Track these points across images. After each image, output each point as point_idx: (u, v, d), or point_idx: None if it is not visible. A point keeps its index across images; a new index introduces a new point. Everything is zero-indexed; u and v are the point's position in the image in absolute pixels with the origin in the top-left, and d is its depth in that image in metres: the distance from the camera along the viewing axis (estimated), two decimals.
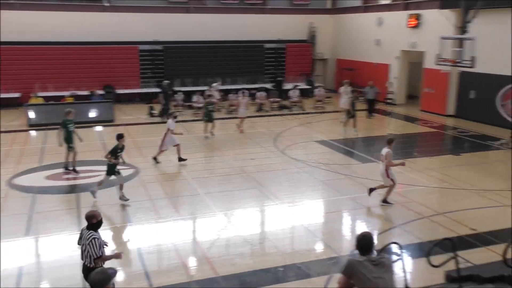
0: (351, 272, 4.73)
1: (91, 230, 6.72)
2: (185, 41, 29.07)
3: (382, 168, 11.95)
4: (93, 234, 6.67)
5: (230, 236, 10.41)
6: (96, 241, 6.63)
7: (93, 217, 6.77)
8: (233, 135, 19.94)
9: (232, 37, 29.83)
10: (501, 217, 11.20)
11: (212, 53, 29.30)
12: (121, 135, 12.35)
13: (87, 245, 6.60)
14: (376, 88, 24.21)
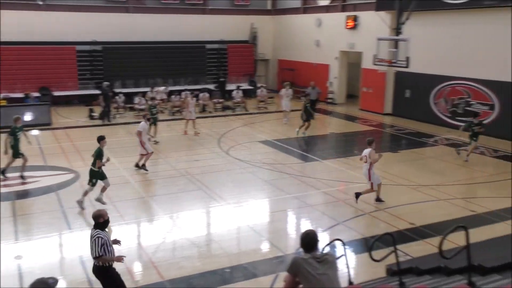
0: (296, 270, 4.80)
1: (98, 229, 6.88)
2: (125, 41, 28.49)
3: (366, 169, 12.08)
4: (98, 233, 6.80)
5: (176, 239, 10.31)
6: (99, 240, 6.73)
7: (100, 216, 6.94)
8: (177, 136, 19.75)
9: (173, 37, 29.54)
10: (436, 211, 11.73)
11: (153, 53, 28.88)
12: (102, 137, 12.03)
13: (92, 243, 6.74)
14: (318, 89, 24.52)
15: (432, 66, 21.84)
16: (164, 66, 28.97)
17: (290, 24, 31.85)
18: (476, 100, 20.21)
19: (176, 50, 29.68)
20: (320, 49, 29.06)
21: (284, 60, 32.56)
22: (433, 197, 12.70)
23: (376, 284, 7.39)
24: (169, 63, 29.20)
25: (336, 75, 28.12)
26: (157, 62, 28.73)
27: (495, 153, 17.32)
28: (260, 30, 32.37)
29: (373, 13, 22.66)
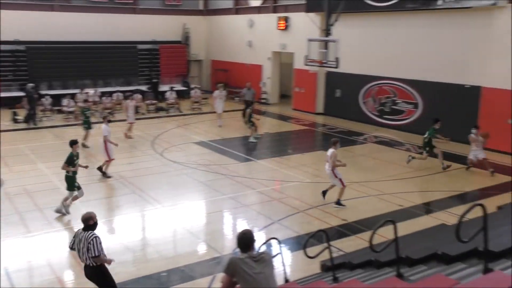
0: (233, 270, 4.81)
1: (89, 230, 7.03)
2: (51, 41, 27.34)
3: (328, 169, 12.15)
4: (94, 234, 6.99)
5: (110, 244, 9.99)
6: (97, 239, 6.94)
7: (90, 219, 7.12)
8: None
9: (103, 37, 28.71)
10: (367, 207, 12.17)
11: (82, 54, 27.91)
12: (74, 141, 11.60)
13: (89, 243, 6.87)
14: (253, 90, 24.42)
15: (360, 67, 22.62)
16: (94, 67, 28.07)
17: (223, 24, 31.87)
18: (402, 99, 21.15)
19: (106, 51, 28.87)
20: (253, 49, 29.29)
21: (217, 61, 32.54)
22: (364, 193, 13.15)
23: (311, 280, 7.56)
24: (99, 63, 28.34)
25: (269, 76, 28.46)
26: (86, 63, 27.78)
27: (420, 149, 18.16)
28: (192, 31, 32.15)
29: (304, 14, 23.13)
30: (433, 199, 12.76)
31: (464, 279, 5.04)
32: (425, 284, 4.90)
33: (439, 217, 11.35)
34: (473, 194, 13.31)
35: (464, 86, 18.53)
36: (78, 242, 7.05)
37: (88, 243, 6.89)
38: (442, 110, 19.22)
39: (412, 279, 5.77)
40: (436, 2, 18.27)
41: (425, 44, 19.79)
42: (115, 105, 25.09)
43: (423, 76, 20.08)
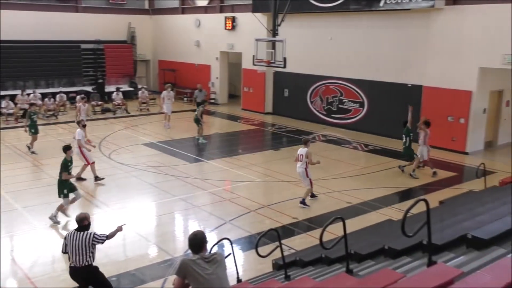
0: (185, 272, 4.78)
1: (84, 231, 7.04)
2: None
3: (301, 167, 12.19)
4: (90, 232, 7.08)
5: (55, 251, 9.72)
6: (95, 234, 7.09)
7: (85, 219, 7.17)
8: (52, 142, 18.60)
9: (44, 36, 27.73)
10: (317, 205, 12.39)
11: (22, 53, 26.89)
12: (68, 147, 11.38)
13: (92, 241, 6.98)
14: (205, 91, 23.98)
15: (307, 67, 22.99)
16: (35, 67, 27.10)
17: (169, 24, 31.54)
18: (348, 98, 21.66)
19: (47, 50, 27.93)
20: (201, 49, 29.16)
21: (165, 61, 32.17)
22: (314, 191, 13.34)
23: (263, 279, 7.63)
24: (41, 63, 27.39)
25: (218, 76, 28.41)
26: (26, 63, 26.75)
27: (366, 147, 18.70)
28: (138, 30, 31.62)
29: (251, 14, 23.25)
30: (379, 195, 13.15)
31: (410, 272, 5.23)
32: (373, 279, 5.05)
33: (386, 213, 11.72)
34: (417, 189, 13.82)
35: (407, 85, 19.21)
36: (72, 243, 6.96)
37: (92, 241, 7.01)
38: (386, 109, 19.86)
39: (361, 275, 5.94)
40: (378, 4, 18.82)
41: (369, 45, 20.36)
42: (59, 106, 24.35)
43: (368, 76, 20.65)
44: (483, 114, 17.55)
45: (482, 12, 16.40)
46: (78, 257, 6.98)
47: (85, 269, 7.06)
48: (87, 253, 7.00)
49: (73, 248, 6.97)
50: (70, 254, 7.04)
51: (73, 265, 7.07)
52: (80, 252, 6.96)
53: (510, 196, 8.03)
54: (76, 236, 7.00)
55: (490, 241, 5.60)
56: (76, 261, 7.00)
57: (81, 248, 6.96)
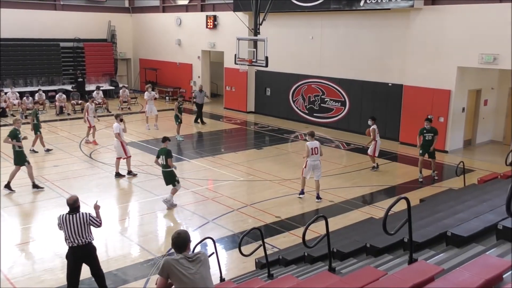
0: (168, 271, 4.77)
1: (76, 212, 7.29)
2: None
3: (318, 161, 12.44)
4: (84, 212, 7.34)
5: (36, 251, 9.62)
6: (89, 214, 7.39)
7: (77, 201, 7.40)
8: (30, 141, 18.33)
9: (22, 34, 27.36)
10: (299, 203, 12.46)
11: None
12: (166, 138, 12.09)
13: (90, 221, 7.29)
14: (205, 92, 23.40)
15: (289, 66, 23.06)
16: (13, 65, 26.70)
17: (150, 22, 31.33)
18: (330, 97, 21.78)
19: (25, 48, 27.58)
20: (182, 48, 29.04)
21: (146, 60, 31.96)
22: (296, 190, 13.40)
23: (246, 278, 7.65)
24: (19, 62, 27.00)
25: (199, 75, 28.32)
26: (4, 61, 26.32)
27: (348, 146, 18.84)
28: (119, 29, 31.36)
29: (232, 13, 23.22)
30: (361, 194, 13.28)
31: (391, 270, 5.31)
32: (356, 277, 5.11)
33: (368, 211, 11.84)
34: (398, 188, 13.98)
35: (388, 85, 19.40)
36: (69, 226, 7.17)
37: (87, 222, 7.27)
38: (368, 107, 20.03)
39: (343, 272, 6.00)
40: (359, 3, 18.96)
41: (350, 44, 20.51)
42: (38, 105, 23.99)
43: (349, 75, 20.79)
44: (462, 113, 17.83)
45: (460, 12, 16.64)
46: (78, 237, 7.22)
47: (86, 247, 7.33)
48: (87, 231, 7.29)
49: (71, 229, 7.18)
50: (68, 236, 7.21)
51: (71, 245, 7.28)
52: (79, 232, 7.22)
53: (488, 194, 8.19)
54: (72, 218, 7.21)
55: (469, 238, 5.71)
56: (77, 241, 7.24)
57: (80, 228, 7.21)
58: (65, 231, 7.25)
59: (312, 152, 12.34)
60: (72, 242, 7.27)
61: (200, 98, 22.36)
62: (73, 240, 7.26)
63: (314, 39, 21.90)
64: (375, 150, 15.29)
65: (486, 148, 18.55)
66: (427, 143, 14.18)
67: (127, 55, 32.67)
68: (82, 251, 7.35)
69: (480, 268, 4.25)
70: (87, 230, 7.30)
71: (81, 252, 7.35)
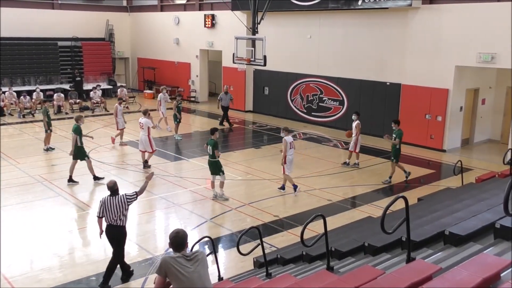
0: (166, 270, 4.76)
1: (116, 195, 8.18)
2: None
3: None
4: (124, 194, 8.25)
5: (34, 251, 9.60)
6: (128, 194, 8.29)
7: (116, 184, 8.29)
8: (30, 140, 18.34)
9: (20, 33, 27.25)
10: (297, 202, 12.47)
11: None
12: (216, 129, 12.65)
13: (127, 201, 8.18)
14: (230, 95, 22.46)
15: (287, 65, 23.06)
16: (10, 64, 26.63)
17: (148, 21, 31.30)
18: (328, 96, 21.79)
19: (23, 47, 27.46)
20: (180, 47, 29.01)
21: (144, 59, 31.92)
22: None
23: (244, 277, 7.65)
24: (16, 60, 26.93)
25: (198, 74, 28.30)
26: (2, 60, 26.24)
27: (346, 145, 18.79)
28: (117, 28, 31.30)
29: (230, 12, 23.20)
30: (359, 193, 13.29)
31: (389, 269, 5.31)
32: (354, 276, 5.11)
33: (366, 210, 11.85)
34: (396, 187, 13.99)
35: (386, 84, 19.41)
36: (109, 206, 8.07)
37: (124, 203, 8.13)
38: (366, 107, 20.03)
39: (342, 271, 6.01)
40: (357, 2, 18.97)
41: (348, 43, 20.52)
42: (36, 104, 23.98)
43: (347, 74, 20.79)
44: (459, 112, 17.85)
45: (458, 11, 16.65)
46: (114, 216, 8.12)
47: (118, 229, 8.21)
48: (122, 213, 8.14)
49: (110, 210, 8.10)
50: (107, 215, 8.11)
51: (108, 223, 8.19)
52: (115, 212, 8.10)
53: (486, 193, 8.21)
54: (112, 200, 8.13)
55: (467, 237, 5.71)
56: (111, 220, 8.15)
57: (117, 209, 8.09)
58: (104, 211, 8.12)
59: (290, 146, 12.91)
60: (109, 221, 8.18)
61: (226, 100, 21.97)
62: (110, 220, 8.16)
63: (312, 38, 21.90)
64: (356, 146, 15.36)
65: (484, 147, 18.58)
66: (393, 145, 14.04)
67: (125, 54, 32.63)
68: (114, 231, 8.21)
69: (478, 267, 4.25)
70: (122, 211, 8.13)
71: (113, 231, 8.22)
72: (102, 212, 8.14)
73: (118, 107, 18.42)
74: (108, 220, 8.17)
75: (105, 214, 8.14)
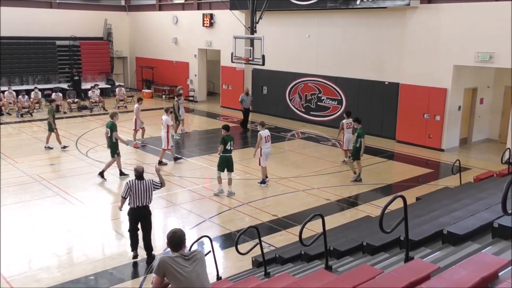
0: (164, 270, 4.75)
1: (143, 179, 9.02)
2: None
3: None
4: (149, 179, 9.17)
5: (32, 250, 9.59)
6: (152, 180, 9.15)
7: (143, 170, 9.16)
8: (28, 140, 18.32)
9: (18, 33, 27.20)
10: (296, 202, 12.47)
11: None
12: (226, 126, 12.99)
13: (154, 186, 9.06)
14: (251, 96, 22.27)
15: (286, 64, 23.06)
16: (9, 64, 26.58)
17: (147, 21, 31.27)
18: (326, 95, 21.79)
19: (21, 47, 27.42)
20: (179, 46, 29.00)
21: (142, 58, 31.89)
22: (293, 188, 13.45)
23: (243, 276, 7.65)
24: (15, 60, 26.89)
25: (196, 73, 28.29)
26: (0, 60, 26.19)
27: None
28: (115, 27, 31.25)
29: (229, 11, 23.20)
30: (358, 192, 13.30)
31: (388, 268, 5.31)
32: (352, 275, 5.11)
33: (364, 209, 11.86)
34: (394, 186, 14.01)
35: (384, 83, 19.42)
36: (135, 189, 8.83)
37: (152, 185, 9.01)
38: (365, 106, 20.05)
39: (340, 271, 6.01)
40: (355, 2, 18.97)
41: (347, 42, 20.53)
42: (34, 104, 23.97)
43: (346, 73, 20.80)
44: (458, 112, 17.87)
45: (456, 11, 16.66)
46: (142, 199, 8.89)
47: (145, 209, 8.99)
48: (149, 196, 8.96)
49: (137, 192, 8.84)
50: (135, 197, 8.83)
51: (134, 206, 8.90)
52: (144, 195, 8.88)
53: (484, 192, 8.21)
54: (139, 184, 8.88)
55: (465, 236, 5.72)
56: (140, 203, 8.88)
57: (145, 192, 8.89)
58: (132, 194, 8.83)
59: (265, 140, 13.49)
60: (135, 203, 8.86)
61: (247, 102, 21.76)
62: (137, 202, 8.85)
63: (310, 38, 21.91)
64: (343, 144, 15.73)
65: (482, 147, 18.61)
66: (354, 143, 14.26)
67: (123, 53, 32.59)
68: (141, 212, 8.96)
69: (476, 266, 4.26)
70: (149, 194, 8.94)
71: (140, 212, 8.96)
72: (127, 193, 8.89)
73: (138, 106, 18.11)
74: (135, 203, 8.86)
75: (133, 196, 8.84)
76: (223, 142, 12.56)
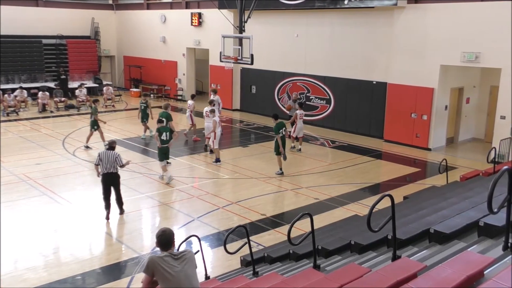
0: (153, 269, 4.74)
1: (113, 151, 10.84)
2: None
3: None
4: (117, 152, 10.90)
5: (19, 250, 9.50)
6: (120, 155, 10.87)
7: (114, 142, 11.17)
8: (13, 139, 18.13)
9: (3, 31, 26.85)
10: (285, 201, 12.50)
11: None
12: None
13: (116, 157, 10.74)
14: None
15: (274, 63, 23.09)
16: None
17: (134, 19, 31.10)
18: (315, 95, 21.85)
19: (7, 45, 27.10)
20: (167, 45, 28.89)
21: (130, 57, 31.72)
22: (281, 187, 13.48)
23: (231, 276, 7.65)
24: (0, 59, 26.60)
25: (185, 72, 28.20)
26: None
27: (333, 143, 18.92)
28: (102, 26, 31.04)
29: (217, 10, 23.17)
30: (346, 191, 13.35)
31: (375, 267, 5.35)
32: (340, 274, 5.14)
33: (352, 208, 11.91)
34: (382, 185, 14.10)
35: (372, 82, 19.52)
36: (104, 157, 10.63)
37: (116, 157, 10.70)
38: (352, 105, 20.14)
39: (328, 270, 6.04)
40: (343, 1, 19.04)
41: (335, 42, 20.60)
42: (19, 102, 23.74)
43: (334, 73, 20.87)
44: (444, 111, 18.02)
45: (442, 11, 16.80)
46: (109, 166, 10.66)
47: (112, 175, 10.77)
48: (115, 164, 10.69)
49: (106, 160, 10.62)
50: (104, 164, 10.62)
51: (104, 172, 10.72)
52: (110, 163, 10.67)
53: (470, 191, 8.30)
54: (108, 153, 10.70)
55: (451, 235, 5.78)
56: (107, 169, 10.67)
57: (111, 161, 10.66)
58: (101, 162, 10.63)
59: (218, 125, 15.21)
60: (104, 169, 10.64)
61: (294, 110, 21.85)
62: (105, 168, 10.63)
63: (299, 37, 21.95)
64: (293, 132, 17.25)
65: (468, 146, 18.79)
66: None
67: (111, 52, 32.40)
68: (109, 177, 10.76)
69: (462, 265, 4.31)
70: (115, 164, 10.66)
71: (108, 178, 10.76)
72: (98, 161, 10.71)
73: (193, 103, 19.37)
74: (103, 169, 10.61)
75: (102, 163, 10.60)
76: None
